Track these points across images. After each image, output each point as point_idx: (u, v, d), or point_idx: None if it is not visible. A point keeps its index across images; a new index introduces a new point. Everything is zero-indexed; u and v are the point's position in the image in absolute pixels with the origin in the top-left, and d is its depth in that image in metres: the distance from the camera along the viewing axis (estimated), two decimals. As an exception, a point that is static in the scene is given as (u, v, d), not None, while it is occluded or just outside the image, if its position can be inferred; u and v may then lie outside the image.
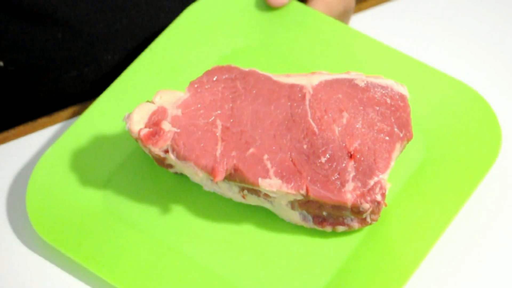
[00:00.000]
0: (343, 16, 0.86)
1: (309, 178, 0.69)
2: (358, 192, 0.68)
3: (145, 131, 0.70)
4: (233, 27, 0.85)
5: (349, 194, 0.68)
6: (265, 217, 0.73)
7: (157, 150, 0.70)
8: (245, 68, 0.74)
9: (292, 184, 0.69)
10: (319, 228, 0.72)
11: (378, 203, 0.68)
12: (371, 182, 0.68)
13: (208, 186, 0.74)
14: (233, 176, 0.70)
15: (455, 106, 0.77)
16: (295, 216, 0.72)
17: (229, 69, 0.74)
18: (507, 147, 0.76)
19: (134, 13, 0.88)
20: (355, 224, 0.71)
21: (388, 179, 0.73)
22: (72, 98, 0.90)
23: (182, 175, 0.76)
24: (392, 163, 0.70)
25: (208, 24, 0.85)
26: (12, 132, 0.83)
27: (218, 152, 0.70)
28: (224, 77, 0.73)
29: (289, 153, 0.70)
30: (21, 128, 0.83)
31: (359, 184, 0.68)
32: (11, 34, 0.87)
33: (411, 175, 0.75)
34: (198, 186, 0.75)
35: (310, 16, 0.84)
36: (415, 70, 0.79)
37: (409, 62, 0.80)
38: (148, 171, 0.77)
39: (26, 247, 0.74)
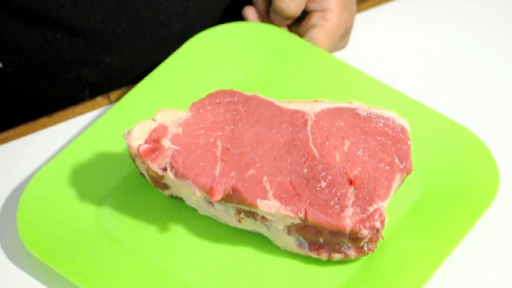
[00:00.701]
0: (344, 36, 0.87)
1: (308, 201, 0.68)
2: (357, 218, 0.67)
3: (144, 147, 0.69)
4: (234, 60, 0.85)
5: (348, 219, 0.67)
6: (259, 243, 0.72)
7: (156, 167, 0.69)
8: (248, 93, 0.74)
9: (291, 206, 0.68)
10: (314, 255, 0.70)
11: (377, 230, 0.67)
12: (371, 209, 0.68)
13: (203, 209, 0.73)
14: (231, 197, 0.69)
15: (451, 147, 0.77)
16: (291, 242, 0.70)
17: (231, 93, 0.74)
18: (505, 188, 0.76)
19: (134, 15, 0.88)
20: (352, 253, 0.70)
21: (386, 213, 0.73)
22: (71, 99, 0.89)
23: (177, 198, 0.75)
24: (392, 192, 0.69)
25: (209, 56, 0.85)
26: (12, 132, 0.82)
27: (217, 172, 0.69)
28: (226, 100, 0.73)
29: (289, 176, 0.69)
30: (21, 128, 0.82)
31: (359, 210, 0.68)
32: (11, 35, 0.87)
33: (409, 211, 0.74)
34: (193, 210, 0.74)
35: (310, 51, 0.84)
36: (413, 110, 0.80)
37: (407, 102, 0.81)
38: (143, 194, 0.76)
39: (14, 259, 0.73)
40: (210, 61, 0.85)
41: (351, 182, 0.69)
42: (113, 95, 0.86)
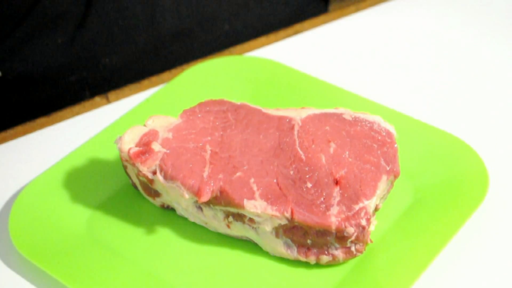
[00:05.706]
0: None
1: (294, 201, 0.69)
2: (343, 216, 0.68)
3: (135, 149, 0.71)
4: (224, 89, 0.88)
5: (334, 217, 0.68)
6: (249, 250, 0.73)
7: (145, 170, 0.71)
8: (237, 102, 0.76)
9: (277, 206, 0.69)
10: (303, 258, 0.71)
11: (363, 228, 0.68)
12: (356, 207, 0.68)
13: (193, 215, 0.74)
14: (218, 198, 0.70)
15: (439, 153, 0.78)
16: (279, 245, 0.71)
17: (221, 102, 0.76)
18: (494, 194, 0.76)
19: (130, 15, 0.90)
20: (340, 254, 0.70)
21: (376, 219, 0.73)
22: (72, 101, 0.91)
23: (168, 208, 0.76)
24: (378, 192, 0.70)
25: (200, 88, 0.88)
26: (10, 132, 0.83)
27: (206, 174, 0.70)
28: (216, 109, 0.75)
29: (275, 178, 0.70)
30: (19, 128, 0.84)
31: (344, 208, 0.68)
32: (11, 41, 0.88)
33: (398, 217, 0.75)
34: (184, 220, 0.75)
35: (298, 77, 0.87)
36: (401, 123, 0.81)
37: (395, 116, 0.82)
38: (135, 205, 0.77)
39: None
40: (200, 93, 0.87)
41: (336, 182, 0.70)
42: (111, 95, 0.88)
